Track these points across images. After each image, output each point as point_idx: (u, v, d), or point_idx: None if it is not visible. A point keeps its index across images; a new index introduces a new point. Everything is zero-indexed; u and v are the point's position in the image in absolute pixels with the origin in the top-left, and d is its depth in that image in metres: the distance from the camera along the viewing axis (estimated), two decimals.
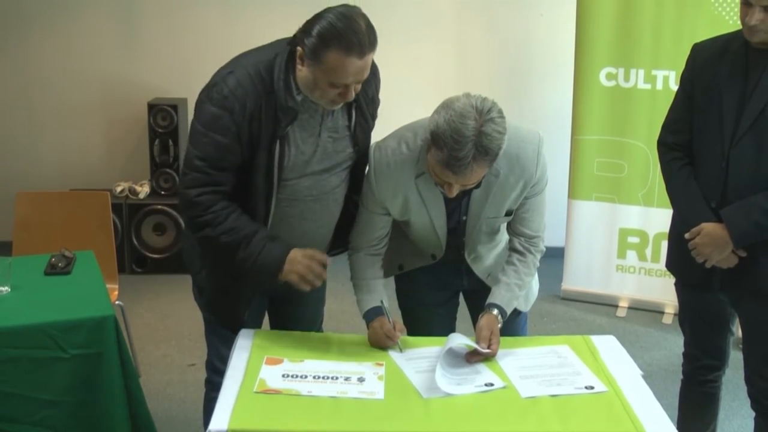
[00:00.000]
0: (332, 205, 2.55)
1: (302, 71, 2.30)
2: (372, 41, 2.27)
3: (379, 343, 2.47)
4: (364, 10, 2.28)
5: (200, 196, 2.37)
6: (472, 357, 2.40)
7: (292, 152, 2.39)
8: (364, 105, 2.52)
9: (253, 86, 2.31)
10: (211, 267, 2.60)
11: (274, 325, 2.78)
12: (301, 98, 2.36)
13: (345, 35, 2.21)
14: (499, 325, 2.48)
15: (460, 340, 2.43)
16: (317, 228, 2.54)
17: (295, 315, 2.74)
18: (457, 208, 2.51)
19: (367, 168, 2.49)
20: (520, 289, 2.57)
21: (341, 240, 2.70)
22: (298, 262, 2.42)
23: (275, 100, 2.32)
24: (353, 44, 2.21)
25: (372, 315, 2.51)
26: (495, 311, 2.49)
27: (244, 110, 2.30)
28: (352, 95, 2.33)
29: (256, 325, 2.67)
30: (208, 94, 2.34)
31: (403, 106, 4.00)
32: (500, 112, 2.22)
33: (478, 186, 2.39)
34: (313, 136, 2.42)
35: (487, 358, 2.41)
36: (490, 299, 2.52)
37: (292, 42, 2.33)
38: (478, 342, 2.42)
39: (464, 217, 2.53)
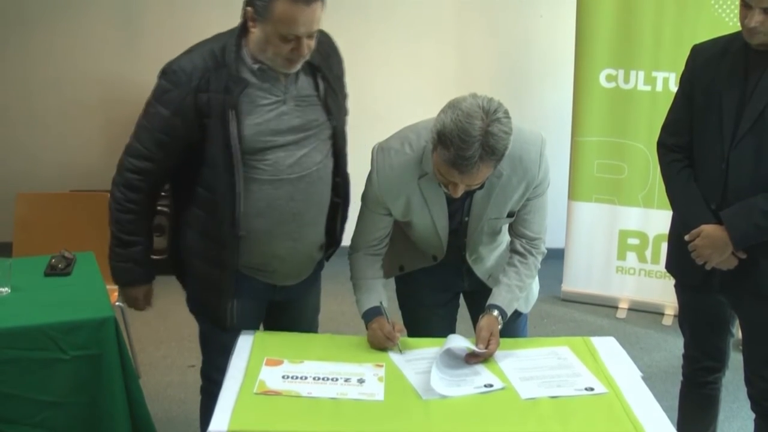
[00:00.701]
0: (319, 184, 2.55)
1: (254, 33, 2.36)
2: None
3: (379, 345, 2.48)
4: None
5: (128, 171, 2.51)
6: (471, 358, 2.41)
7: (251, 120, 2.41)
8: (330, 78, 2.55)
9: (203, 61, 2.40)
10: (190, 260, 2.63)
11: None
12: (258, 67, 2.40)
13: None
14: (500, 327, 2.48)
15: (458, 342, 2.43)
16: (307, 209, 2.54)
17: (291, 321, 2.74)
18: (459, 209, 2.51)
19: (370, 168, 2.49)
20: (520, 291, 2.57)
21: (333, 238, 2.72)
22: (137, 299, 2.71)
23: (226, 73, 2.38)
24: None
25: (371, 315, 2.51)
26: (495, 312, 2.49)
27: (189, 83, 2.38)
28: (306, 51, 2.35)
29: (253, 329, 2.66)
30: (163, 70, 2.44)
31: (404, 106, 4.01)
32: (506, 112, 2.23)
33: (481, 187, 2.39)
34: (276, 103, 2.44)
35: (486, 358, 2.41)
36: (491, 300, 2.53)
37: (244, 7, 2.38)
38: (477, 343, 2.42)
39: (466, 218, 2.53)
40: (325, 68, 2.53)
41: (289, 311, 2.76)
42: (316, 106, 2.52)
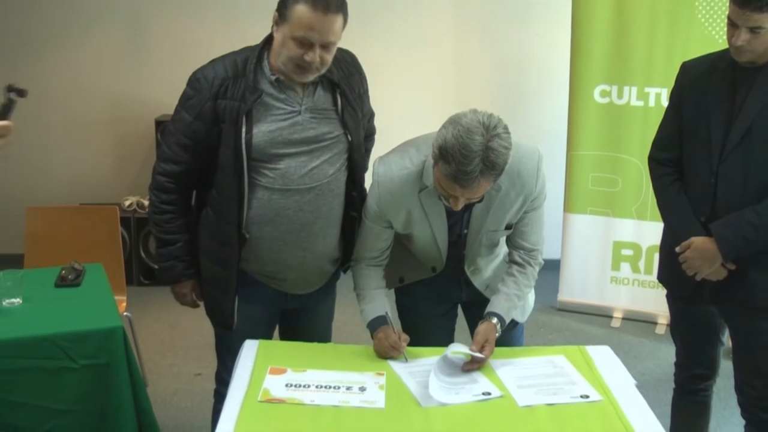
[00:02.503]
0: (330, 197, 2.56)
1: (276, 37, 2.41)
2: (339, 5, 2.36)
3: (385, 354, 2.48)
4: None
5: (158, 174, 2.58)
6: (468, 365, 2.41)
7: (264, 128, 2.45)
8: (350, 95, 2.57)
9: (224, 70, 2.46)
10: (201, 260, 2.66)
11: (285, 339, 2.79)
12: (276, 78, 2.45)
13: None
14: (497, 334, 2.49)
15: (455, 347, 2.43)
16: (315, 219, 2.55)
17: (304, 328, 2.75)
18: (458, 221, 2.52)
19: (371, 182, 2.51)
20: (519, 300, 2.58)
21: (350, 252, 2.70)
22: (185, 294, 2.72)
23: (244, 82, 2.43)
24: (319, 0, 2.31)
25: (376, 324, 2.52)
26: (495, 320, 2.49)
27: (210, 89, 2.44)
28: (316, 59, 2.37)
29: (266, 337, 2.67)
30: (189, 78, 2.51)
31: (404, 121, 4.01)
32: (506, 128, 2.24)
33: (480, 200, 2.40)
34: (291, 114, 2.47)
35: (483, 366, 2.42)
36: (490, 308, 2.53)
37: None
38: (471, 345, 2.43)
39: (465, 231, 2.54)
40: (345, 85, 2.56)
41: (303, 318, 2.77)
42: (332, 119, 2.54)
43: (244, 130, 2.43)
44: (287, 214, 2.51)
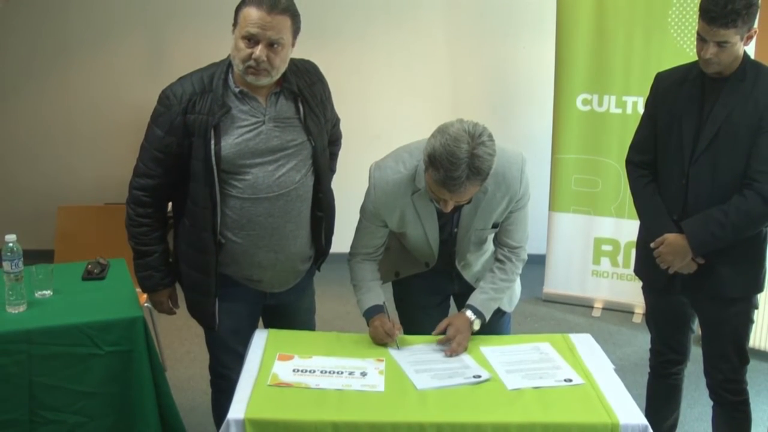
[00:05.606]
0: (297, 202, 2.53)
1: (231, 46, 2.38)
2: (285, 8, 2.33)
3: (380, 340, 2.48)
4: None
5: (135, 188, 2.54)
6: (449, 352, 2.42)
7: (230, 140, 2.41)
8: (312, 101, 2.53)
9: (191, 86, 2.43)
10: (182, 267, 2.63)
11: None
12: (240, 90, 2.42)
13: None
14: (474, 321, 2.49)
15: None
16: (285, 224, 2.52)
17: (287, 323, 2.71)
18: (448, 221, 2.52)
19: (368, 184, 2.50)
20: (495, 292, 2.58)
21: (320, 249, 2.70)
22: (162, 302, 2.71)
23: (212, 97, 2.40)
24: (264, 1, 2.30)
25: (372, 313, 2.52)
26: (469, 312, 2.51)
27: (179, 105, 2.41)
28: (263, 57, 2.32)
29: (250, 331, 2.62)
30: (159, 95, 2.47)
31: (401, 128, 4.02)
32: (490, 135, 2.23)
33: (468, 202, 2.40)
34: (256, 124, 2.44)
35: (473, 352, 2.43)
36: (468, 301, 2.55)
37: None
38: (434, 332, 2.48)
39: (455, 230, 2.54)
40: (308, 94, 2.51)
41: (284, 314, 2.74)
42: (295, 127, 2.49)
43: (212, 142, 2.40)
44: (258, 221, 2.49)
